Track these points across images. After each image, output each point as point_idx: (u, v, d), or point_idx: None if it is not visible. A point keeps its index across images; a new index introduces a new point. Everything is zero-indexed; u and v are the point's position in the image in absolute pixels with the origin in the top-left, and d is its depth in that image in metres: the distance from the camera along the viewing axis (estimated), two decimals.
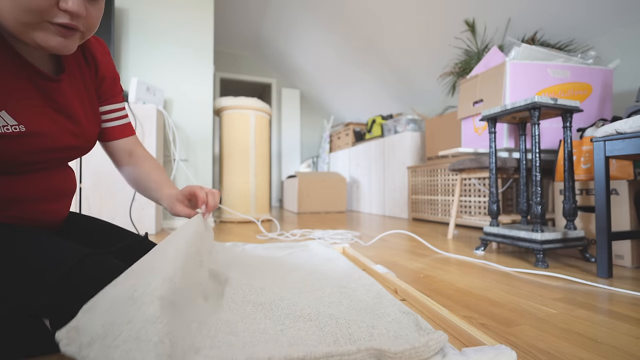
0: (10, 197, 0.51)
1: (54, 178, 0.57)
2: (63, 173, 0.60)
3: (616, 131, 0.95)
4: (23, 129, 0.48)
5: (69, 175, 0.62)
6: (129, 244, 0.63)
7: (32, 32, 0.43)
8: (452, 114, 2.42)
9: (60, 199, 0.59)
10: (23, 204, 0.53)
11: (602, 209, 0.99)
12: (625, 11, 1.71)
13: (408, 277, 0.97)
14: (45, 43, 0.44)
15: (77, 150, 0.58)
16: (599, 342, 0.57)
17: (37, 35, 0.43)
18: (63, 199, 0.60)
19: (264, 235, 1.79)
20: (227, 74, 4.70)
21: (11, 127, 0.46)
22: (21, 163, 0.50)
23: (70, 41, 0.47)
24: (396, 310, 0.56)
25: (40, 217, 0.56)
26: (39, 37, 0.43)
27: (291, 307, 0.56)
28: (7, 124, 0.46)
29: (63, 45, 0.46)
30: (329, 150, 4.47)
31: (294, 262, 0.96)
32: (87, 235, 0.66)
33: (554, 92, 1.50)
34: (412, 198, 2.77)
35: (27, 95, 0.48)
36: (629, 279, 0.95)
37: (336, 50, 3.58)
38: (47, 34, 0.44)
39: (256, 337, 0.45)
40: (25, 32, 0.43)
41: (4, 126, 0.45)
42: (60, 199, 0.59)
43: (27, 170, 0.53)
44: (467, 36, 2.44)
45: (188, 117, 2.35)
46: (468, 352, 0.41)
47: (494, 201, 1.36)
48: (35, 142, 0.50)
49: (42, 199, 0.55)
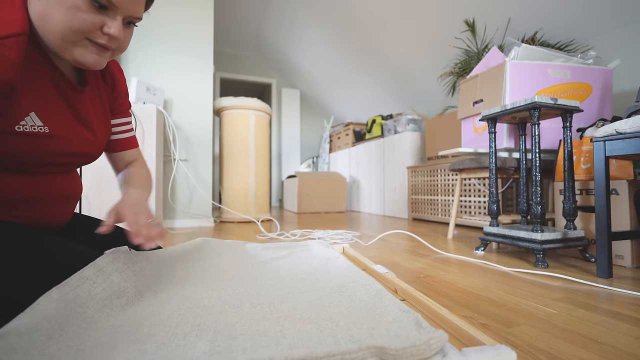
0: (20, 197, 0.53)
1: (63, 182, 0.59)
2: (72, 177, 0.63)
3: (616, 131, 0.95)
4: (47, 131, 0.52)
5: (76, 180, 0.65)
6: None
7: (73, 48, 0.48)
8: (452, 114, 2.42)
9: (66, 202, 0.61)
10: (31, 204, 0.55)
11: (602, 209, 0.99)
12: (625, 11, 1.71)
13: (408, 277, 0.97)
14: (82, 59, 0.49)
15: (88, 157, 0.61)
16: (599, 342, 0.57)
17: (76, 51, 0.48)
18: (69, 202, 0.61)
19: (264, 235, 1.79)
20: (227, 74, 4.70)
21: (37, 127, 0.50)
22: (38, 163, 0.53)
23: (103, 58, 0.52)
24: (396, 310, 0.56)
25: (46, 218, 0.57)
26: (77, 53, 0.48)
27: (291, 310, 0.56)
28: (34, 124, 0.50)
29: (97, 61, 0.51)
30: (329, 150, 4.47)
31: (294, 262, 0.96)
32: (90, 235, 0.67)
33: (554, 92, 1.50)
34: (412, 198, 2.77)
35: (54, 101, 0.52)
36: (629, 279, 0.95)
37: (336, 50, 3.58)
38: (86, 51, 0.49)
39: (256, 340, 0.44)
40: (66, 48, 0.48)
41: (31, 125, 0.50)
42: (66, 202, 0.61)
43: (41, 171, 0.55)
44: (467, 36, 2.44)
45: (188, 117, 2.35)
46: (468, 352, 0.41)
47: (494, 201, 1.36)
48: (55, 144, 0.53)
49: (50, 201, 0.57)
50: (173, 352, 0.41)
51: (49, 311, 0.40)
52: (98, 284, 0.50)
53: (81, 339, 0.40)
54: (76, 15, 0.45)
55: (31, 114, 0.49)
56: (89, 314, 0.45)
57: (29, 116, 0.49)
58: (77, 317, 0.43)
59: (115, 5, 0.47)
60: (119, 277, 0.54)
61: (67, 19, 0.45)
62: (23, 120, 0.48)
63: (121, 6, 0.48)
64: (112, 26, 0.48)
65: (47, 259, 0.49)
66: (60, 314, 0.41)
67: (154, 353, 0.40)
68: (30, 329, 0.37)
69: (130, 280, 0.55)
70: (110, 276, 0.53)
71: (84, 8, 0.45)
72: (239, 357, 0.39)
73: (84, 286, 0.48)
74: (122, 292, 0.53)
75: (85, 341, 0.40)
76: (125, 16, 0.50)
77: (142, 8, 0.52)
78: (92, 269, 0.51)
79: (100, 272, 0.52)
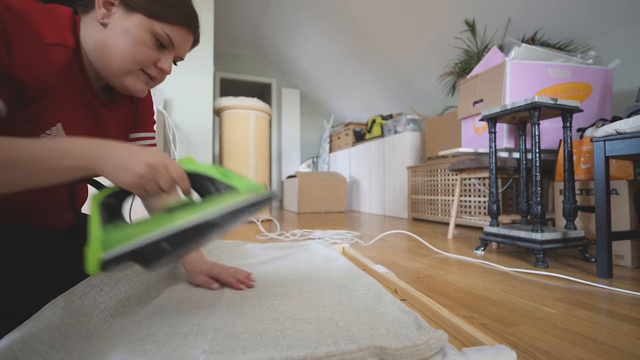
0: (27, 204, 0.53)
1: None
2: (81, 186, 0.65)
3: (616, 131, 0.95)
4: None
5: (84, 188, 0.68)
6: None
7: (126, 76, 0.53)
8: (452, 114, 2.42)
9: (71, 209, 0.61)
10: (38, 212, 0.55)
11: (602, 209, 0.98)
12: (625, 11, 1.71)
13: (408, 277, 0.97)
14: (132, 86, 0.54)
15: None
16: (599, 342, 0.57)
17: (128, 79, 0.53)
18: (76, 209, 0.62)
19: (264, 235, 1.79)
20: (227, 74, 4.69)
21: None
22: None
23: (148, 87, 0.56)
24: (396, 309, 0.56)
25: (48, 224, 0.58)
26: (128, 81, 0.53)
27: (290, 310, 0.56)
28: (58, 135, 0.52)
29: (143, 90, 0.56)
30: (329, 150, 4.47)
31: (294, 262, 0.96)
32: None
33: (554, 92, 1.50)
34: (412, 198, 2.77)
35: (81, 116, 0.55)
36: (629, 279, 0.95)
37: (336, 50, 3.58)
38: (137, 80, 0.54)
39: (256, 339, 0.44)
40: (120, 75, 0.52)
41: (55, 136, 0.52)
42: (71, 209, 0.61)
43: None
44: (467, 36, 2.44)
45: (188, 117, 2.35)
46: (468, 352, 0.41)
47: (494, 201, 1.36)
48: None
49: (55, 209, 0.58)
50: (173, 352, 0.41)
51: (54, 320, 0.41)
52: (105, 292, 0.50)
53: (83, 348, 0.40)
54: (141, 49, 0.51)
55: (58, 125, 0.51)
56: (92, 323, 0.45)
57: (56, 126, 0.51)
58: (80, 327, 0.43)
59: (174, 46, 0.54)
60: (126, 285, 0.54)
61: (132, 50, 0.50)
62: (49, 130, 0.50)
63: (178, 47, 0.55)
64: (165, 62, 0.55)
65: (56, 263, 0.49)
66: (64, 322, 0.42)
67: (154, 353, 0.40)
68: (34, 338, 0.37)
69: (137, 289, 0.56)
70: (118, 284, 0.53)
71: (149, 44, 0.51)
72: (239, 356, 0.39)
73: (90, 294, 0.48)
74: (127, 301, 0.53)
75: (88, 349, 0.40)
76: (175, 55, 0.57)
77: (187, 51, 0.59)
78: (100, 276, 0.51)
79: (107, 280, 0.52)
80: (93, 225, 0.44)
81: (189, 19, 0.54)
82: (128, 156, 0.43)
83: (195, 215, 0.43)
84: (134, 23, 0.50)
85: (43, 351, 0.37)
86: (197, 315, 0.52)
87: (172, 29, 0.52)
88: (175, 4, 0.52)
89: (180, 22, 0.53)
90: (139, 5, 0.49)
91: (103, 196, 0.46)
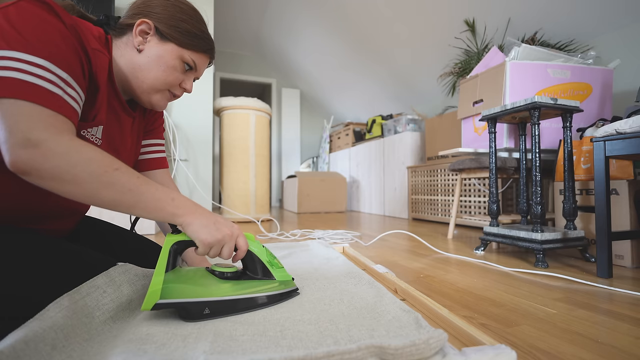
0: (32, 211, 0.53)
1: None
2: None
3: (616, 131, 0.95)
4: (99, 144, 0.58)
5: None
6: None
7: (154, 94, 0.61)
8: (452, 114, 2.42)
9: (74, 216, 0.62)
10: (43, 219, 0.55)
11: (602, 209, 0.99)
12: (625, 11, 1.71)
13: (408, 277, 0.97)
14: (157, 103, 0.62)
15: None
16: (599, 342, 0.57)
17: (155, 97, 0.61)
18: (76, 216, 0.63)
19: (264, 235, 1.79)
20: (227, 74, 4.70)
21: (97, 140, 0.57)
22: None
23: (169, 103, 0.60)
24: (396, 309, 0.56)
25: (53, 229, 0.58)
26: (155, 98, 0.61)
27: (290, 311, 0.56)
28: (96, 136, 0.56)
29: (165, 106, 0.64)
30: (329, 150, 4.47)
31: (294, 262, 0.96)
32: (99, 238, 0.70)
33: (554, 92, 1.50)
34: (412, 198, 2.77)
35: (113, 122, 0.60)
36: (629, 279, 0.95)
37: (336, 50, 3.58)
38: (162, 98, 0.62)
39: (256, 340, 0.44)
40: (149, 93, 0.60)
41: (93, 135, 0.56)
42: (74, 216, 0.62)
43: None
44: (467, 36, 2.44)
45: (188, 117, 2.35)
46: (468, 351, 0.41)
47: (494, 201, 1.36)
48: None
49: (58, 216, 0.58)
50: (174, 352, 0.41)
51: (57, 319, 0.41)
52: (108, 293, 0.50)
53: (84, 350, 0.41)
54: (172, 73, 0.59)
55: (99, 127, 0.56)
56: (93, 325, 0.46)
57: (98, 128, 0.56)
58: (81, 328, 0.44)
59: (197, 69, 0.63)
60: (129, 289, 0.54)
61: (165, 74, 0.59)
62: (92, 129, 0.54)
63: (199, 70, 0.64)
64: (188, 83, 0.64)
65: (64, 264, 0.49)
66: (67, 323, 0.42)
67: (154, 353, 0.40)
68: (37, 338, 0.37)
69: (138, 293, 0.56)
70: (121, 287, 0.53)
71: (179, 69, 0.60)
72: (239, 357, 0.39)
73: (93, 295, 0.48)
74: (128, 304, 0.53)
75: (88, 351, 0.40)
76: (195, 76, 0.65)
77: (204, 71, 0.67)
78: (104, 278, 0.51)
79: (111, 282, 0.52)
80: (159, 269, 0.51)
81: (210, 48, 0.64)
82: (216, 222, 0.53)
83: (237, 294, 0.55)
84: (167, 51, 0.58)
85: (45, 352, 0.37)
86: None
87: (197, 56, 0.62)
88: (200, 35, 0.61)
89: (204, 50, 0.62)
90: (171, 36, 0.58)
91: (175, 242, 0.53)
